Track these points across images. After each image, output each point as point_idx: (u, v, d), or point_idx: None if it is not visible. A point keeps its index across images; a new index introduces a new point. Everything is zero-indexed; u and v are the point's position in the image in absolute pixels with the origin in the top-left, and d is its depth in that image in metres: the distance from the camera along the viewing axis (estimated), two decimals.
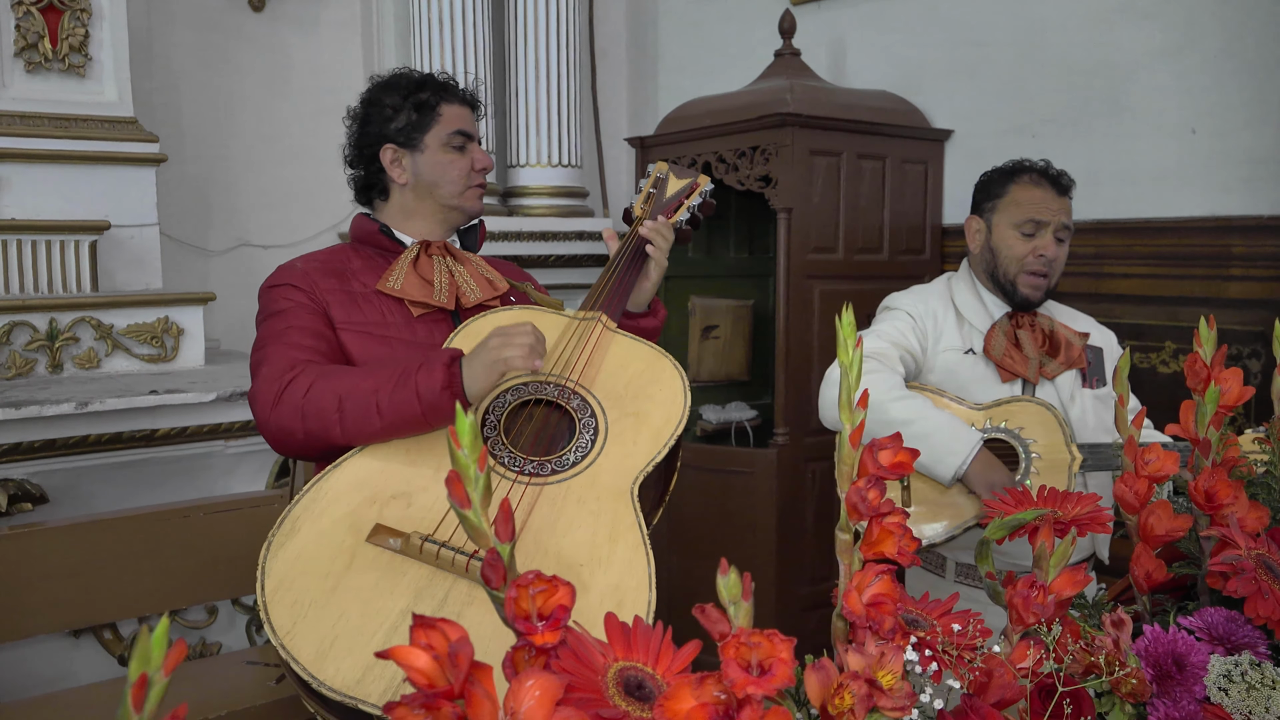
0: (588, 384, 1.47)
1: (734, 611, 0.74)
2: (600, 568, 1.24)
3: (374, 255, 1.73)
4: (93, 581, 2.23)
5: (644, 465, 1.37)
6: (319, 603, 1.18)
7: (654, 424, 1.42)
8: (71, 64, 3.02)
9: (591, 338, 1.54)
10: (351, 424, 1.41)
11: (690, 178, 1.80)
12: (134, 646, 0.59)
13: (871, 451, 0.86)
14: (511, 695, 0.70)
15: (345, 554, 1.25)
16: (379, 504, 1.32)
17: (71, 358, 2.79)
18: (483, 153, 1.77)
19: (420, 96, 1.71)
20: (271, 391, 1.47)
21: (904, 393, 1.86)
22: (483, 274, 1.74)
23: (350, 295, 1.64)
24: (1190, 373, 1.05)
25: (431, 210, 1.75)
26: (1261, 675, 0.87)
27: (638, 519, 1.31)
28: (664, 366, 1.51)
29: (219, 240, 3.84)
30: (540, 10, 3.79)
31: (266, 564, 1.23)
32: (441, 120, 1.72)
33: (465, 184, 1.74)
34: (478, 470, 0.77)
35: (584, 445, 1.39)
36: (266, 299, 1.65)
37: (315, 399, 1.43)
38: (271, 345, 1.56)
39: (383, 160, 1.73)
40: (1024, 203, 1.96)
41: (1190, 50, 2.72)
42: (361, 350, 1.60)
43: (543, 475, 1.35)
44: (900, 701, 0.77)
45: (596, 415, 1.43)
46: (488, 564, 0.76)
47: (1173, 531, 1.01)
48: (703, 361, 3.58)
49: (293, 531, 1.27)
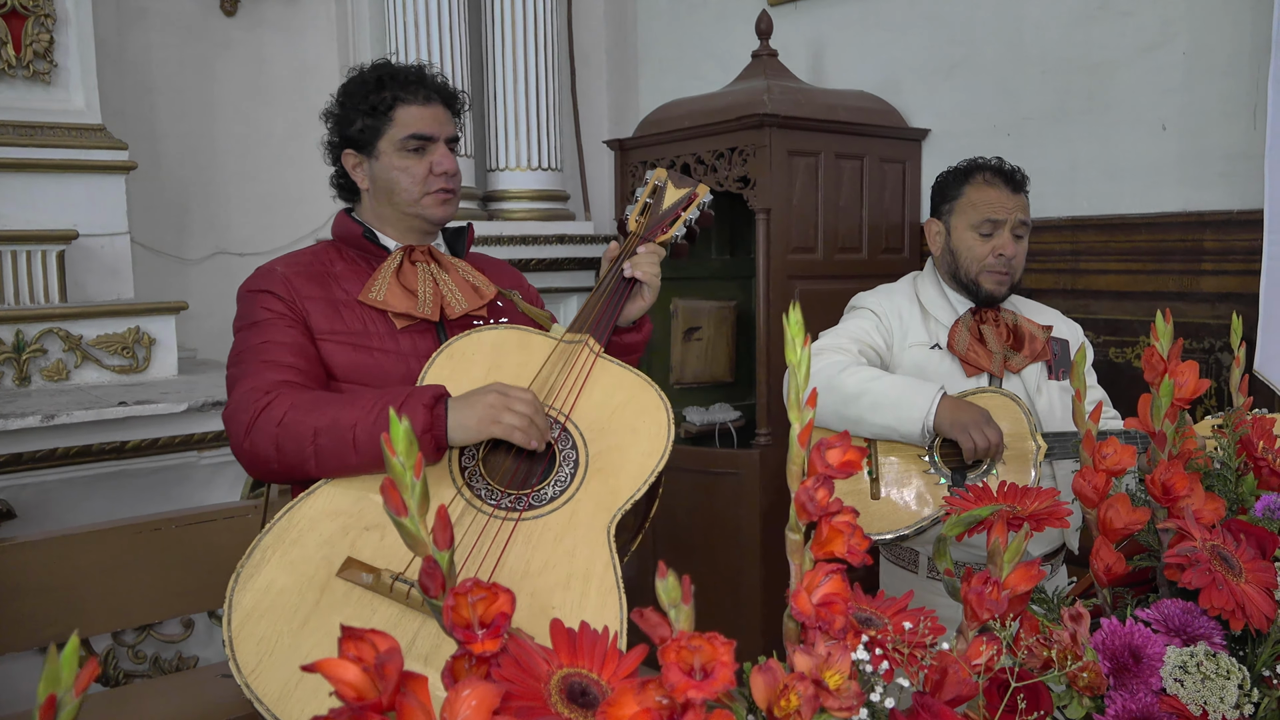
0: (571, 413, 1.43)
1: (674, 615, 0.73)
2: (572, 610, 1.22)
3: (357, 258, 1.67)
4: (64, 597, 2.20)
5: (622, 504, 1.35)
6: (286, 641, 1.16)
7: (635, 460, 1.39)
8: (36, 71, 2.98)
9: (578, 363, 1.48)
10: (327, 458, 1.37)
11: (689, 187, 1.71)
12: (45, 664, 0.57)
13: (819, 450, 0.85)
14: (448, 706, 0.69)
15: (315, 589, 1.22)
16: (351, 535, 1.29)
17: (39, 370, 2.76)
18: (446, 154, 1.66)
19: (375, 99, 1.64)
20: (246, 416, 1.42)
21: (855, 368, 1.86)
22: (468, 281, 1.67)
23: (332, 303, 1.59)
24: (1147, 366, 1.05)
25: (396, 217, 1.68)
26: (1216, 666, 0.87)
27: (613, 560, 1.29)
28: (649, 398, 1.46)
29: (197, 249, 3.81)
30: (518, 12, 3.77)
31: (234, 596, 1.20)
32: (395, 123, 1.64)
33: (422, 189, 1.64)
34: (414, 477, 0.76)
35: (563, 479, 1.37)
36: (245, 305, 1.60)
37: (290, 429, 1.39)
38: (249, 361, 1.51)
39: (346, 165, 1.70)
40: (979, 203, 1.97)
41: (1165, 47, 2.72)
42: (343, 361, 1.55)
43: (519, 510, 1.32)
44: (847, 701, 0.76)
45: (578, 447, 1.40)
46: (425, 572, 0.75)
47: (1131, 524, 1.00)
48: (686, 363, 3.57)
49: (261, 563, 1.24)
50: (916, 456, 1.86)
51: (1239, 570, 0.92)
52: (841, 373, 1.84)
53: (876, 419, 1.81)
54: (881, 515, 1.84)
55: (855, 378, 1.83)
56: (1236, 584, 0.90)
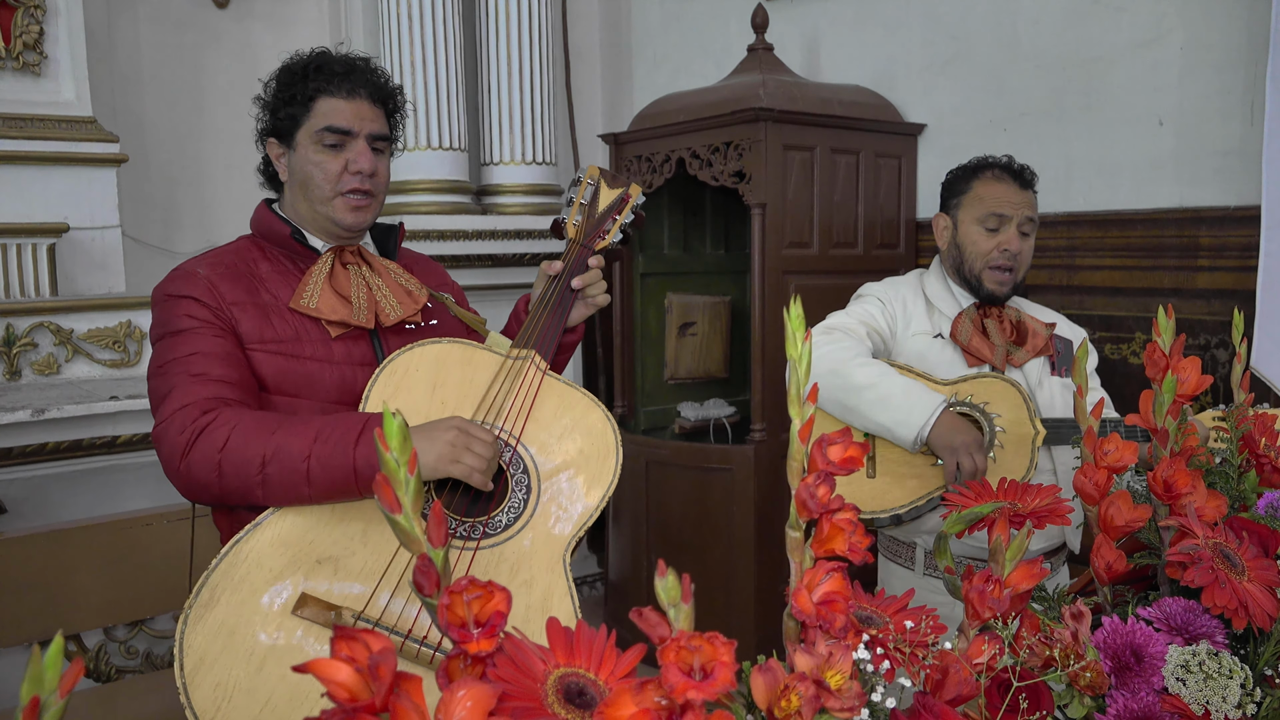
0: (520, 434, 1.42)
1: (674, 614, 0.72)
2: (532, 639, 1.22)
3: (283, 258, 1.57)
4: (55, 593, 2.19)
5: (576, 531, 1.36)
6: (243, 687, 1.13)
7: (584, 484, 1.40)
8: (26, 62, 2.96)
9: (525, 382, 1.45)
10: (276, 489, 1.30)
11: (621, 188, 1.69)
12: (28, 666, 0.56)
13: (821, 447, 0.84)
14: (442, 706, 0.68)
15: (270, 628, 1.19)
16: (304, 569, 1.25)
17: (30, 364, 2.74)
18: (365, 152, 1.53)
19: (299, 87, 1.53)
20: (182, 438, 1.33)
21: (867, 359, 1.86)
22: (401, 284, 1.59)
23: (260, 308, 1.49)
24: (1149, 362, 1.04)
25: (312, 215, 1.57)
26: (1219, 665, 0.86)
27: (569, 588, 1.30)
28: (596, 419, 1.45)
29: (187, 242, 3.78)
30: (512, 5, 3.74)
31: (185, 638, 1.16)
32: (314, 114, 1.53)
33: (334, 188, 1.53)
34: (408, 474, 0.74)
35: (516, 506, 1.36)
36: (165, 311, 1.48)
37: (234, 456, 1.31)
38: (177, 374, 1.40)
39: (270, 154, 1.60)
40: (987, 198, 1.97)
41: (1161, 43, 2.72)
42: (273, 371, 1.47)
43: (474, 539, 1.32)
44: (849, 702, 0.75)
45: (529, 471, 1.39)
46: (419, 570, 0.74)
47: (1133, 522, 0.99)
48: (680, 359, 3.56)
49: (211, 602, 1.20)
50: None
51: (1241, 568, 0.91)
52: (853, 360, 1.85)
53: (874, 415, 1.81)
54: (877, 494, 1.84)
55: (866, 370, 1.83)
56: (1239, 582, 0.89)
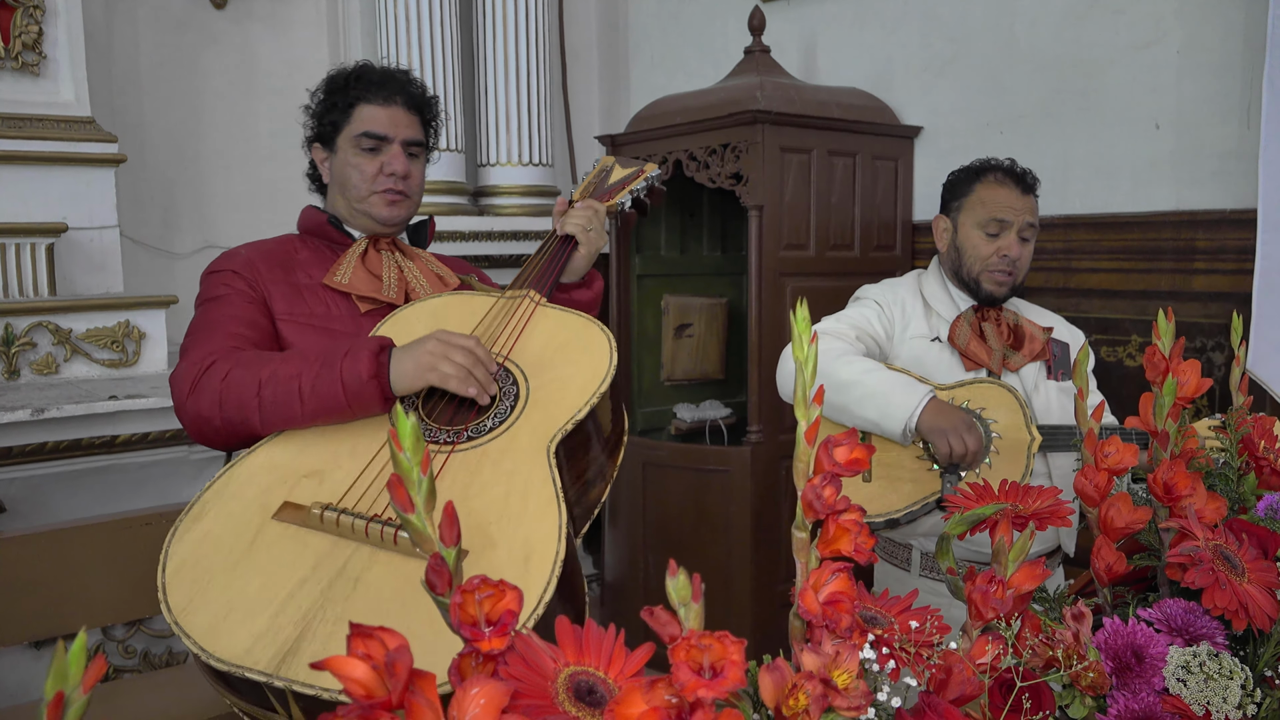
0: (510, 354, 1.44)
1: (684, 613, 0.72)
2: (510, 523, 1.20)
3: (322, 247, 1.68)
4: (54, 592, 2.19)
5: (562, 424, 1.33)
6: (219, 581, 1.15)
7: (577, 384, 1.39)
8: (25, 63, 2.96)
9: (519, 312, 1.50)
10: (271, 410, 1.36)
11: (635, 166, 1.77)
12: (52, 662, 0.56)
13: (827, 448, 0.85)
14: (456, 704, 0.68)
15: (250, 531, 1.22)
16: (290, 483, 1.29)
17: (29, 364, 2.74)
18: (398, 155, 1.66)
19: (341, 95, 1.67)
20: (189, 376, 1.42)
21: (852, 357, 1.87)
22: (433, 270, 1.70)
23: (294, 287, 1.60)
24: (1149, 365, 1.05)
25: (350, 212, 1.70)
26: (1219, 666, 0.87)
27: (553, 475, 1.27)
28: (592, 332, 1.47)
29: (185, 243, 3.78)
30: (509, 6, 3.75)
31: (170, 548, 1.20)
32: (354, 120, 1.66)
33: (370, 188, 1.65)
34: (421, 474, 0.75)
35: (503, 411, 1.36)
36: (206, 284, 1.61)
37: (234, 385, 1.38)
38: (201, 331, 1.51)
39: (315, 158, 1.74)
40: (988, 202, 1.97)
41: (1158, 45, 2.73)
42: (301, 343, 1.55)
43: (456, 443, 1.32)
44: (856, 701, 0.76)
45: (518, 383, 1.40)
46: (432, 569, 0.74)
47: (1133, 524, 1.00)
48: (677, 360, 3.57)
49: (200, 515, 1.24)
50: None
51: (1241, 570, 0.92)
52: (837, 359, 1.85)
53: (862, 411, 1.81)
54: (873, 499, 1.84)
55: (849, 368, 1.83)
56: (1239, 584, 0.90)
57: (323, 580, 1.14)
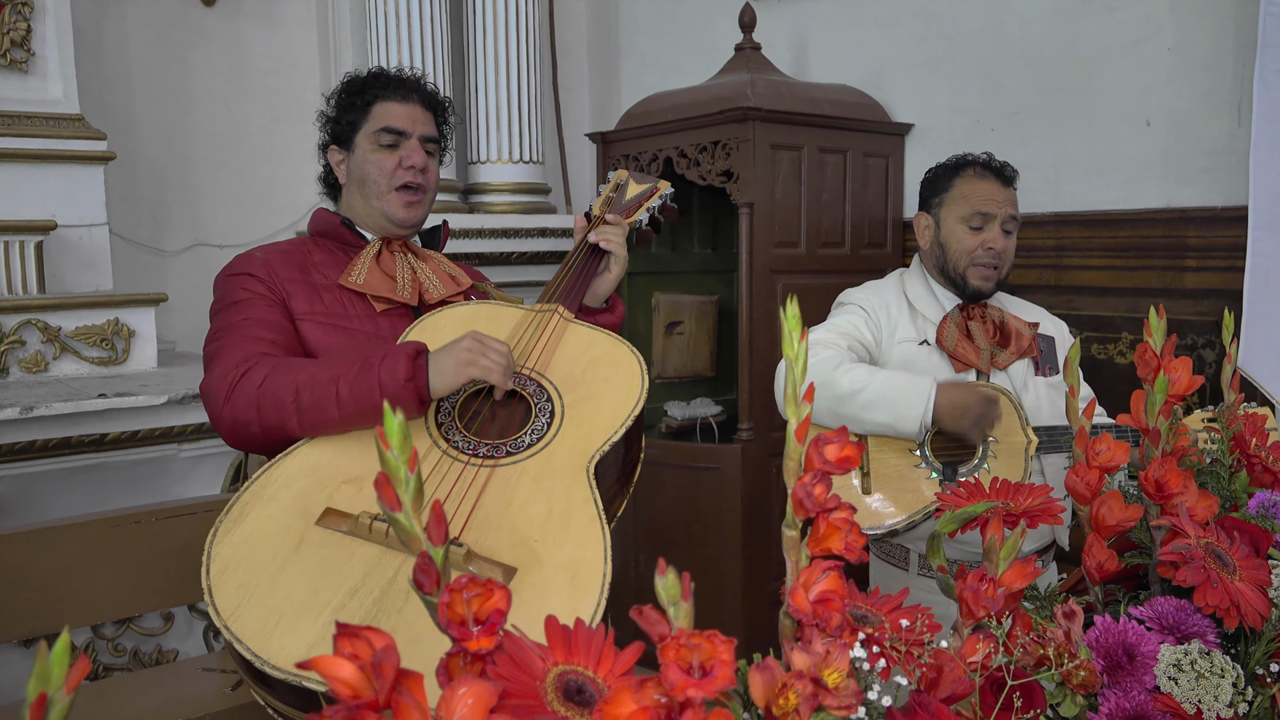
0: (544, 370, 1.47)
1: (673, 613, 0.72)
2: (554, 543, 1.22)
3: (335, 249, 1.70)
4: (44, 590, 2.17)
5: (600, 444, 1.36)
6: (265, 584, 1.16)
7: (610, 405, 1.41)
8: (13, 60, 2.94)
9: (549, 328, 1.53)
10: (309, 415, 1.38)
11: (650, 182, 1.79)
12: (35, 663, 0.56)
13: (817, 446, 0.85)
14: (443, 703, 0.68)
15: (294, 536, 1.23)
16: (330, 488, 1.30)
17: (17, 361, 2.72)
18: (417, 149, 1.69)
19: (358, 96, 1.70)
20: (225, 384, 1.43)
21: (849, 365, 1.87)
22: (445, 271, 1.73)
23: (311, 286, 1.61)
24: (1140, 362, 1.05)
25: (367, 211, 1.71)
26: (1210, 664, 0.87)
27: (594, 495, 1.29)
28: (622, 352, 1.50)
29: (175, 240, 3.76)
30: (500, 3, 3.74)
31: (213, 549, 1.21)
32: (371, 117, 1.69)
33: (389, 183, 1.67)
34: (408, 472, 0.75)
35: (539, 428, 1.39)
36: (224, 288, 1.61)
37: (271, 390, 1.40)
38: (228, 336, 1.51)
39: (331, 161, 1.76)
40: (970, 196, 1.97)
41: (1150, 43, 2.74)
42: (322, 341, 1.56)
43: (496, 458, 1.34)
44: (846, 700, 0.76)
45: (553, 399, 1.43)
46: (419, 568, 0.74)
47: (1124, 522, 1.00)
48: (668, 358, 3.57)
49: (241, 517, 1.25)
50: (907, 451, 1.86)
51: (1233, 568, 0.92)
52: (835, 370, 1.85)
53: (871, 417, 1.81)
54: (873, 510, 1.84)
55: (848, 376, 1.83)
56: (1231, 582, 0.90)
57: (374, 591, 1.16)
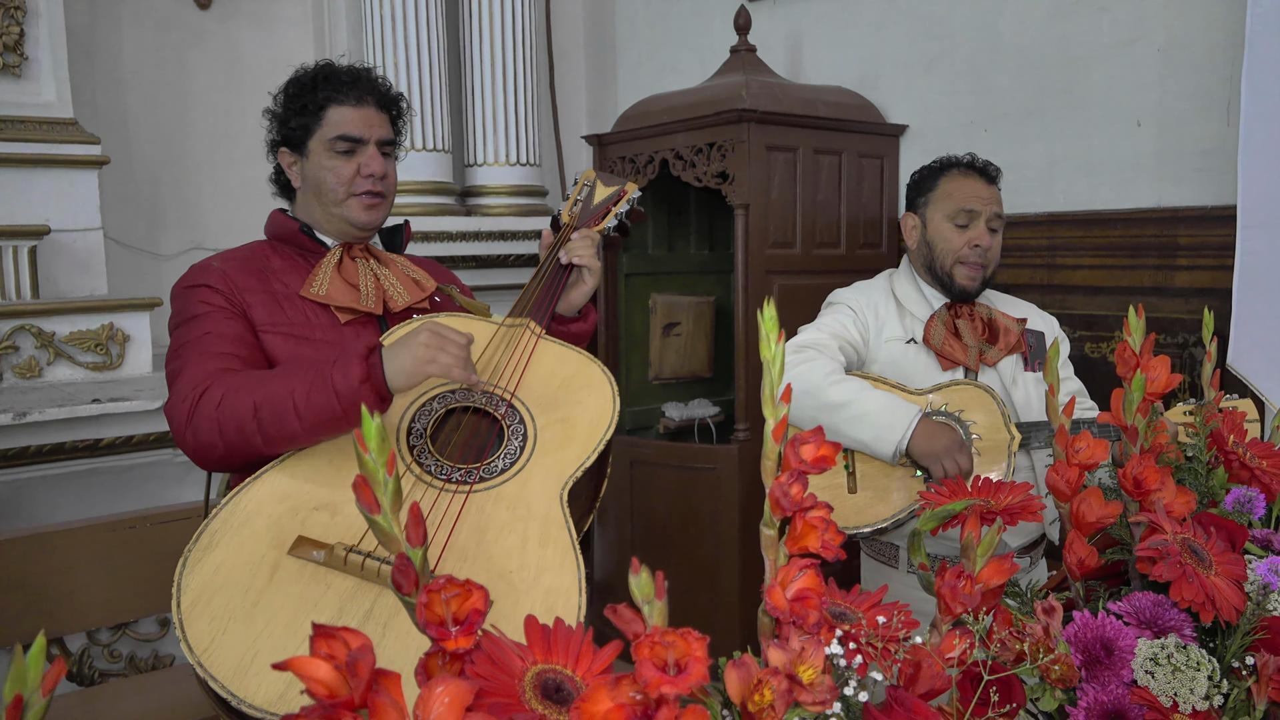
0: (516, 391, 1.44)
1: (648, 611, 0.73)
2: (530, 574, 1.22)
3: (294, 255, 1.65)
4: (39, 596, 2.18)
5: (573, 471, 1.36)
6: (239, 618, 1.15)
7: (583, 430, 1.41)
8: (6, 64, 2.95)
9: (520, 344, 1.51)
10: (272, 431, 1.35)
11: (618, 185, 1.77)
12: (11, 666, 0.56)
13: (794, 446, 0.85)
14: (421, 703, 0.68)
15: (267, 567, 1.21)
16: (301, 515, 1.28)
17: (11, 367, 2.72)
18: (375, 156, 1.63)
19: (309, 98, 1.63)
20: (185, 407, 1.40)
21: (841, 376, 1.88)
22: (409, 275, 1.68)
23: (272, 296, 1.57)
24: (1120, 361, 1.06)
25: (326, 217, 1.66)
26: (1187, 658, 0.87)
27: (567, 524, 1.29)
28: (593, 373, 1.49)
29: (172, 244, 3.77)
30: (496, 6, 3.75)
31: (182, 579, 1.19)
32: (326, 123, 1.62)
33: (347, 190, 1.62)
34: (386, 474, 0.75)
35: (512, 452, 1.38)
36: (181, 301, 1.57)
37: (230, 409, 1.36)
38: (188, 352, 1.48)
39: (282, 163, 1.70)
40: (955, 194, 2.00)
41: (1140, 43, 2.75)
42: (285, 353, 1.52)
43: (470, 483, 1.33)
44: (821, 696, 0.76)
45: (525, 422, 1.41)
46: (398, 569, 0.75)
47: (1104, 518, 1.01)
48: (665, 358, 3.57)
49: (210, 546, 1.23)
50: None
51: (1209, 563, 0.93)
52: (827, 378, 1.86)
53: (853, 432, 1.82)
54: (859, 509, 1.85)
55: (840, 389, 1.84)
56: (1206, 577, 0.91)
57: (350, 624, 1.15)
